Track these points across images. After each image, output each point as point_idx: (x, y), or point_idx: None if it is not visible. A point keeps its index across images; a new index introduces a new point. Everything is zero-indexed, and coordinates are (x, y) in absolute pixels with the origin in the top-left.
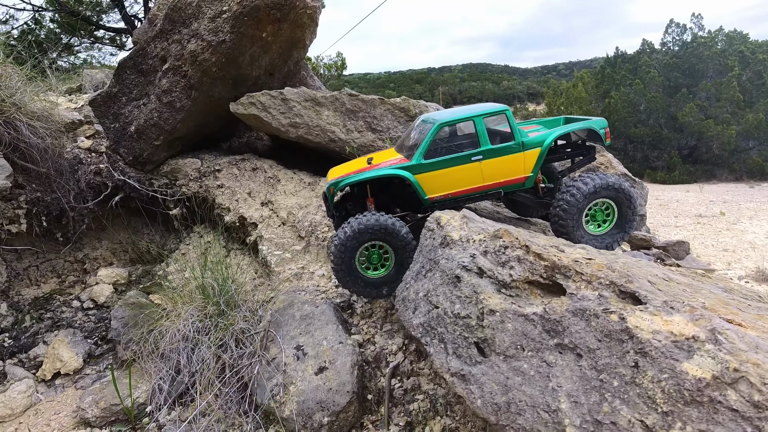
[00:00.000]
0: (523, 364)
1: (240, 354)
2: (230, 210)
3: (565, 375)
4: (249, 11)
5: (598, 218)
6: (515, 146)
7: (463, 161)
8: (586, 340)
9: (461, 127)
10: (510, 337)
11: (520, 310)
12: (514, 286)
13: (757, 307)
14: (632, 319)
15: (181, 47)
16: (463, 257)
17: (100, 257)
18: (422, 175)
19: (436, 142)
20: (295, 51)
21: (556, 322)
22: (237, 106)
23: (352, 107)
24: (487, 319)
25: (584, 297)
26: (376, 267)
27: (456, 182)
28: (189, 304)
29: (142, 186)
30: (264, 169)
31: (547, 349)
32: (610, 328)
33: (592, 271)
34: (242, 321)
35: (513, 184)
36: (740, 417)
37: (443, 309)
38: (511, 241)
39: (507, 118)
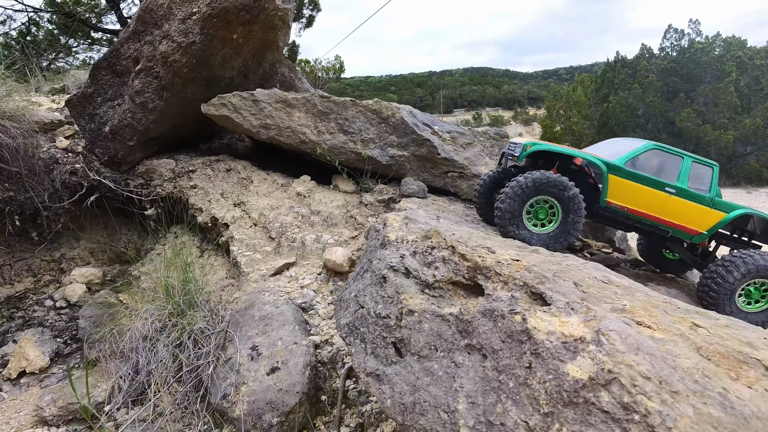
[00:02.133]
0: (434, 365)
1: (197, 354)
2: (203, 211)
3: (469, 376)
4: (218, 13)
5: (753, 296)
6: (707, 199)
7: (656, 186)
8: (491, 341)
9: (667, 161)
10: (425, 338)
11: (438, 310)
12: (437, 287)
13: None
14: (532, 320)
15: (153, 48)
16: (393, 258)
17: (78, 257)
18: (615, 177)
19: (642, 158)
20: (269, 53)
21: (468, 322)
22: (208, 107)
23: (323, 109)
24: (405, 319)
25: (498, 298)
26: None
27: (639, 200)
28: (150, 303)
29: (118, 186)
30: (238, 170)
31: (457, 349)
32: (513, 329)
33: (510, 272)
34: (202, 321)
35: (685, 231)
36: (611, 419)
37: (367, 309)
38: (439, 241)
39: (711, 173)
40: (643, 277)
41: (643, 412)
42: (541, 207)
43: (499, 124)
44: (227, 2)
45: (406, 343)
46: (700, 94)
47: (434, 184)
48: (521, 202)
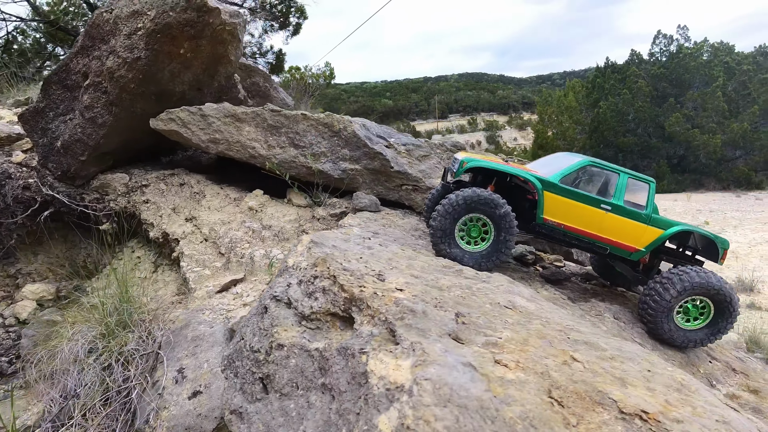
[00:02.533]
0: (291, 404)
1: (125, 377)
2: (154, 226)
3: (315, 418)
4: (162, 28)
5: (691, 314)
6: (643, 216)
7: (592, 203)
8: (340, 382)
9: (603, 176)
10: (289, 374)
11: (308, 345)
12: (314, 318)
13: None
14: (372, 362)
15: (100, 63)
16: (280, 287)
17: (35, 272)
18: (550, 194)
19: (577, 174)
20: (221, 66)
21: (326, 359)
22: (157, 122)
23: (274, 123)
24: (274, 354)
25: (360, 334)
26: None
27: (576, 217)
28: (84, 324)
29: (72, 201)
30: (191, 184)
31: (314, 388)
32: (358, 370)
33: (379, 305)
34: (135, 341)
35: (622, 248)
36: None
37: (245, 341)
38: (322, 270)
39: (648, 189)
40: (590, 292)
41: None
42: (474, 225)
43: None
44: (170, 18)
45: (271, 380)
46: (688, 99)
47: (388, 197)
48: (453, 220)
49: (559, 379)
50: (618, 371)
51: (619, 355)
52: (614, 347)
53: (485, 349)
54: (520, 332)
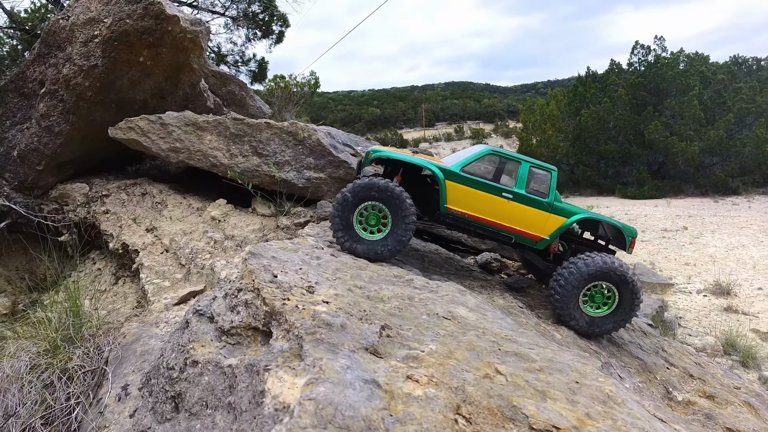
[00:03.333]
0: (197, 424)
1: (68, 395)
2: (114, 237)
3: None
4: (119, 36)
5: (596, 300)
6: (545, 204)
7: (494, 191)
8: (243, 400)
9: (509, 164)
10: (200, 392)
11: (222, 361)
12: (234, 333)
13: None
14: (271, 380)
15: (56, 71)
16: (205, 300)
17: None
18: (452, 183)
19: (479, 164)
20: (183, 74)
21: (235, 377)
22: (116, 131)
23: (236, 131)
24: (187, 371)
25: (272, 349)
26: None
27: (478, 206)
28: (30, 339)
29: (30, 212)
30: (153, 194)
31: (222, 407)
32: (258, 388)
33: (295, 318)
34: (80, 357)
35: (527, 237)
36: None
37: (163, 358)
38: (247, 283)
39: (550, 177)
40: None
41: None
42: (372, 213)
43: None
44: (127, 25)
45: (183, 398)
46: (666, 107)
47: None
48: (351, 210)
49: (473, 394)
50: (542, 384)
51: (548, 366)
52: (546, 358)
53: (403, 363)
54: (448, 344)
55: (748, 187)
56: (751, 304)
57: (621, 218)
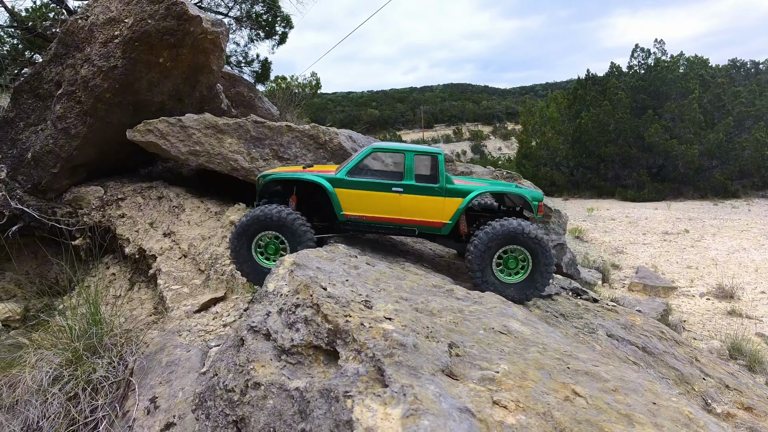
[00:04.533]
0: None
1: (93, 407)
2: (130, 241)
3: None
4: (140, 36)
5: (511, 266)
6: (437, 189)
7: (383, 188)
8: (322, 429)
9: (394, 160)
10: (266, 418)
11: (287, 384)
12: (295, 352)
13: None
14: (358, 409)
15: (74, 72)
16: (257, 316)
17: (2, 290)
18: (342, 190)
19: (365, 164)
20: (202, 76)
21: (307, 402)
22: (134, 134)
23: (257, 134)
24: (250, 393)
25: (344, 372)
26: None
27: (372, 206)
28: (48, 350)
29: (43, 215)
30: (170, 197)
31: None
32: (341, 417)
33: (365, 338)
34: (104, 368)
35: (429, 226)
36: None
37: (219, 378)
38: (304, 298)
39: (437, 162)
40: (582, 307)
41: None
42: (270, 241)
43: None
44: (149, 26)
45: (246, 424)
46: (666, 111)
47: None
48: (248, 242)
49: (562, 420)
50: (622, 406)
51: (622, 386)
52: (616, 377)
53: (482, 386)
54: (517, 363)
55: (748, 191)
56: (754, 308)
57: (621, 221)
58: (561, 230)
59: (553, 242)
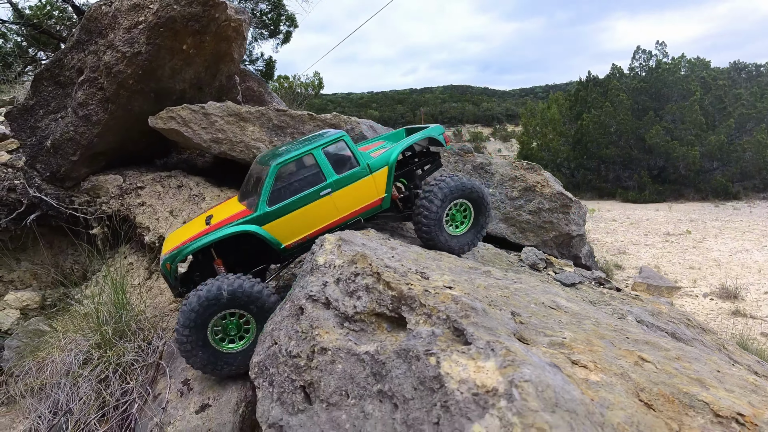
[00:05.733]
0: (341, 415)
1: (124, 390)
2: (150, 230)
3: (376, 430)
4: (165, 22)
5: (457, 219)
6: (362, 171)
7: (312, 198)
8: (403, 388)
9: (304, 161)
10: (336, 381)
11: (355, 348)
12: (358, 320)
13: (634, 341)
14: (446, 364)
15: (97, 58)
16: (314, 286)
17: (17, 279)
18: (271, 224)
19: (278, 185)
20: (223, 64)
21: (382, 364)
22: (156, 121)
23: (279, 123)
24: (317, 358)
25: (418, 334)
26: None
27: (310, 222)
28: (77, 333)
29: (60, 203)
30: (190, 186)
31: (369, 396)
32: (426, 374)
33: (435, 303)
34: (132, 352)
35: (371, 208)
36: None
37: (280, 346)
38: (363, 267)
39: (346, 144)
40: (608, 295)
41: None
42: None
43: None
44: (174, 11)
45: (315, 388)
46: (667, 112)
47: None
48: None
49: (639, 381)
50: (690, 372)
51: (683, 355)
52: (675, 347)
53: (554, 349)
54: (578, 333)
55: (749, 192)
56: (758, 308)
57: (623, 222)
58: (581, 221)
59: (573, 233)
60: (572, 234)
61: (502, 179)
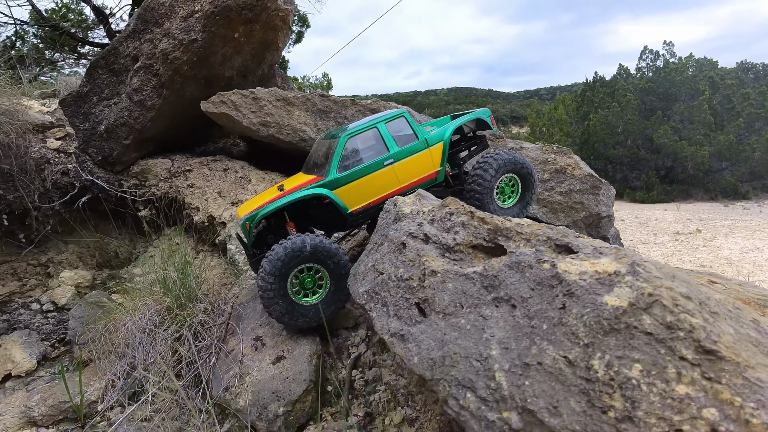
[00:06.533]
0: (460, 320)
1: (198, 347)
2: (199, 209)
3: (499, 326)
4: (220, 11)
5: (506, 192)
6: (420, 144)
7: (377, 167)
8: (520, 291)
9: (368, 136)
10: (450, 296)
11: (461, 270)
12: (457, 250)
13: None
14: (562, 265)
15: (153, 46)
16: (411, 226)
17: (66, 261)
18: (341, 189)
19: (347, 155)
20: (268, 53)
21: (494, 277)
22: (208, 105)
23: (323, 107)
24: (428, 279)
25: (522, 253)
26: (309, 293)
27: (375, 189)
28: (148, 297)
29: (111, 186)
30: (235, 169)
31: (484, 303)
32: (542, 275)
33: (531, 231)
34: (202, 314)
35: (427, 180)
36: (654, 339)
37: (387, 274)
38: (457, 208)
39: (406, 120)
40: None
41: (688, 328)
42: (306, 276)
43: None
44: (230, 1)
45: (429, 303)
46: (675, 112)
47: None
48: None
49: (719, 289)
50: (755, 291)
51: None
52: (734, 280)
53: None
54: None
55: (758, 192)
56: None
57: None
58: (609, 202)
59: (603, 213)
60: (601, 214)
61: (533, 162)
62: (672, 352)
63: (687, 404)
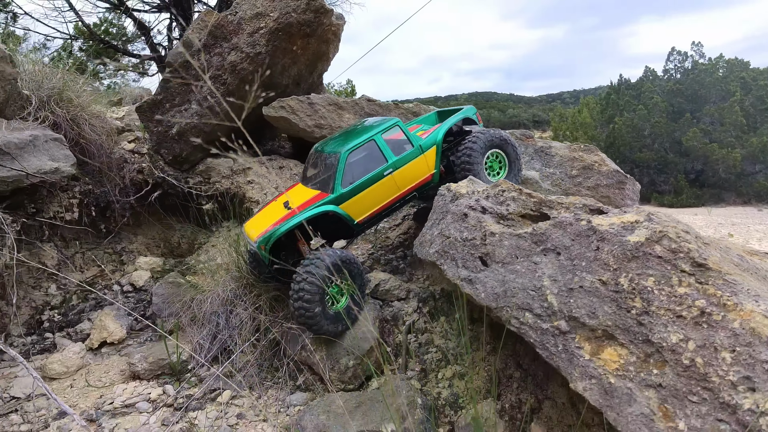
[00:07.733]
0: (516, 266)
1: (274, 316)
2: (259, 203)
3: (547, 267)
4: (283, 27)
5: (495, 168)
6: (416, 151)
7: (378, 178)
8: (563, 241)
9: (367, 148)
10: (507, 250)
11: (515, 231)
12: (510, 218)
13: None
14: (596, 220)
15: (221, 59)
16: (470, 201)
17: (135, 251)
18: (346, 204)
19: (348, 169)
20: (320, 63)
21: (542, 234)
22: (269, 110)
23: (369, 110)
24: (488, 239)
25: (563, 217)
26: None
27: (378, 199)
28: (225, 275)
29: (179, 183)
30: (290, 167)
31: (534, 254)
32: (580, 229)
33: (569, 201)
34: (275, 290)
35: (424, 183)
36: (663, 261)
37: (453, 237)
38: (508, 186)
39: (400, 129)
40: None
41: (686, 251)
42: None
43: None
44: (292, 18)
45: (491, 256)
46: (705, 114)
47: None
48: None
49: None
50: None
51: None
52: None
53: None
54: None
55: None
56: None
57: None
58: (635, 197)
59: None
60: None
61: (562, 160)
62: (675, 267)
63: (685, 298)
